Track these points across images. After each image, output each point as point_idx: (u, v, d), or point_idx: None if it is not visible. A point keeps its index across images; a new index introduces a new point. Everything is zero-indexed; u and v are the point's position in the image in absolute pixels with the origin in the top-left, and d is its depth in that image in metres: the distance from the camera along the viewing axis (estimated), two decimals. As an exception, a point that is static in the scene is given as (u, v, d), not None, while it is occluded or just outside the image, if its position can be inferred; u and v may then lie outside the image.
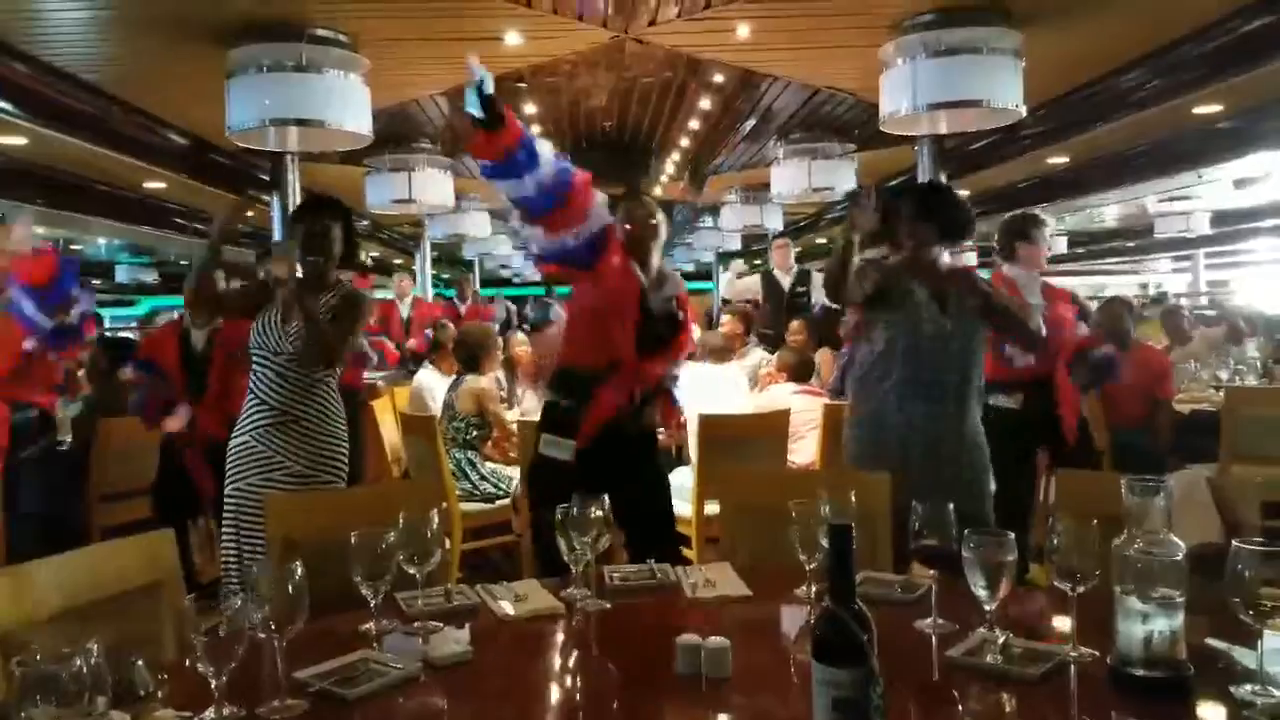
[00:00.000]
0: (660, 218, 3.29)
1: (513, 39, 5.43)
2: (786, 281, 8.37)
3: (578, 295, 3.37)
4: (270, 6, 4.82)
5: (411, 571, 1.91)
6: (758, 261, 9.57)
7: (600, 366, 3.18)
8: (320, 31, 5.06)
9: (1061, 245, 17.17)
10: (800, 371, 5.29)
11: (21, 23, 4.82)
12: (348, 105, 5.20)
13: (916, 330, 3.07)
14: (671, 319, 3.25)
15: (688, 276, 24.25)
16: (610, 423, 3.16)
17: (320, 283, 3.28)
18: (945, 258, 3.22)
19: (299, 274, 3.21)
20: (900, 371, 3.09)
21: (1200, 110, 6.89)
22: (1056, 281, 4.99)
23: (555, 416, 3.27)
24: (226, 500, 3.22)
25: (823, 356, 5.98)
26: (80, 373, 5.76)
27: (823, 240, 15.95)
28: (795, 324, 6.84)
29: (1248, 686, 1.49)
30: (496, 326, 9.05)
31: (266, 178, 6.82)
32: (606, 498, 2.02)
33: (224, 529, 3.22)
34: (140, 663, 1.54)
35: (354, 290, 3.33)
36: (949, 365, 3.09)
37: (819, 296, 8.10)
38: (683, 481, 4.50)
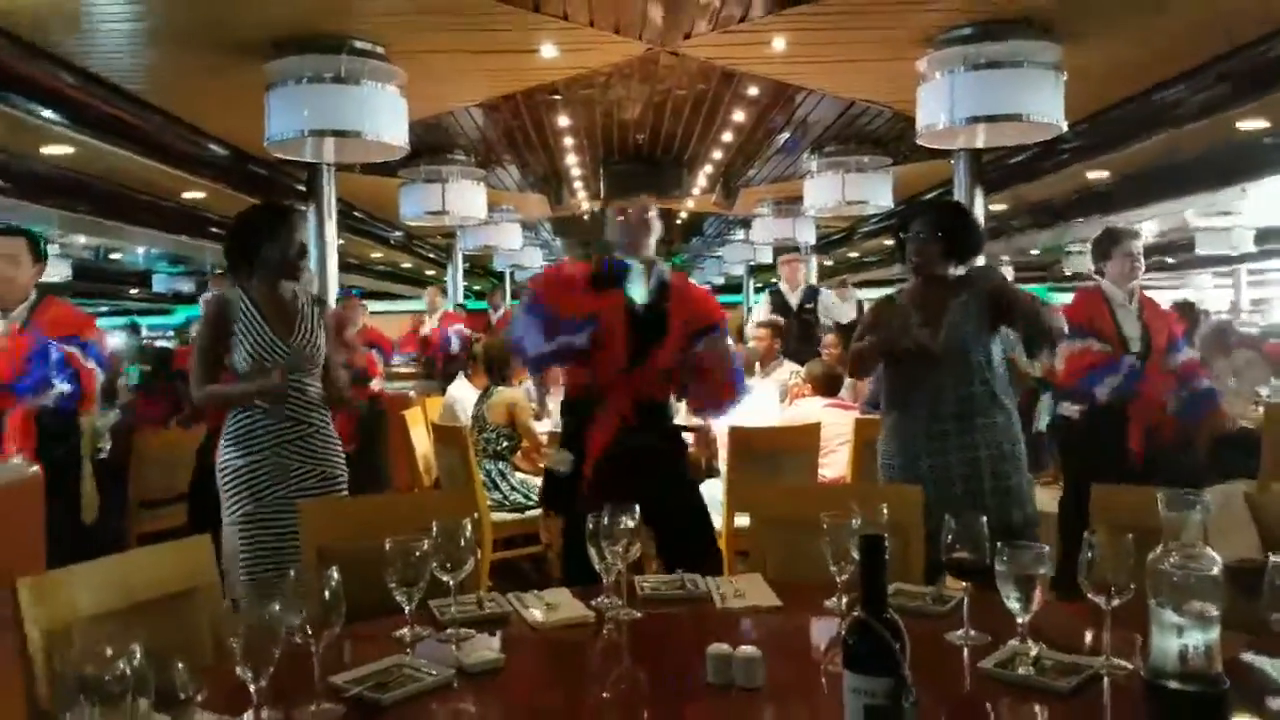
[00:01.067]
0: (654, 213, 3.25)
1: (549, 51, 5.48)
2: (794, 299, 8.33)
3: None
4: (310, 19, 4.89)
5: (445, 579, 1.92)
6: (773, 279, 9.54)
7: (599, 386, 3.16)
8: (359, 44, 5.13)
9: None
10: (827, 385, 5.24)
11: (67, 34, 4.91)
12: (384, 116, 5.26)
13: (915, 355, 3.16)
14: (659, 319, 3.15)
15: (718, 290, 24.14)
16: (617, 440, 3.13)
17: (284, 286, 3.29)
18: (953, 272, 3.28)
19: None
20: (907, 392, 3.22)
21: (1244, 126, 6.82)
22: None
23: (566, 433, 3.37)
24: (248, 518, 3.15)
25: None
26: (120, 381, 5.86)
27: (855, 254, 15.90)
28: (830, 337, 6.83)
29: (1285, 702, 1.47)
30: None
31: (303, 188, 6.90)
32: (638, 507, 2.03)
33: (249, 545, 3.15)
34: (181, 665, 1.55)
35: (320, 299, 3.42)
36: (947, 380, 3.13)
37: (828, 318, 8.09)
38: (713, 494, 4.49)
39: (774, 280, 9.27)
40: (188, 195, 9.31)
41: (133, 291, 19.11)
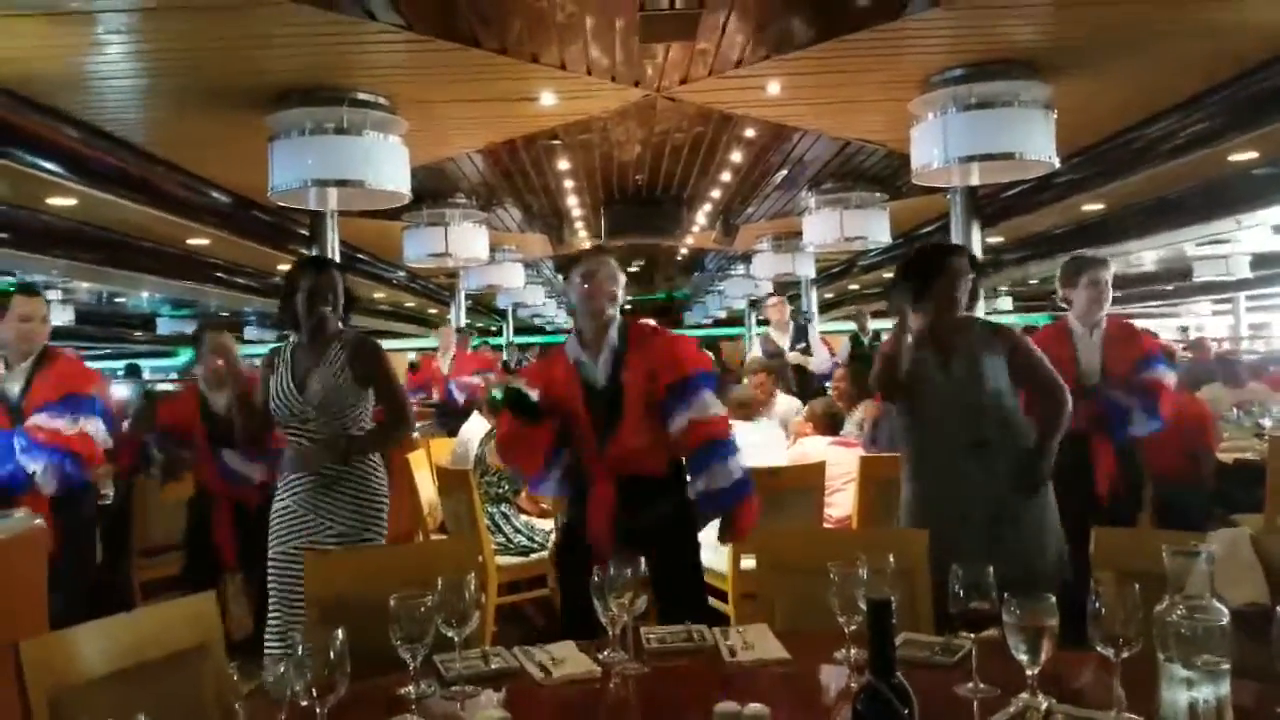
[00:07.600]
0: (621, 281, 3.14)
1: (548, 99, 5.54)
2: (785, 340, 8.33)
3: None
4: (313, 73, 4.95)
5: (450, 634, 1.92)
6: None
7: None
8: (361, 95, 5.19)
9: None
10: (826, 425, 5.22)
11: (72, 90, 4.99)
12: (387, 165, 5.31)
13: (927, 392, 3.13)
14: (616, 394, 3.03)
15: (720, 324, 24.08)
16: (617, 524, 3.01)
17: (324, 333, 3.25)
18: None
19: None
20: (928, 431, 3.17)
21: (1235, 158, 6.88)
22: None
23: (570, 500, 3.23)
24: (271, 564, 3.22)
25: (866, 409, 5.90)
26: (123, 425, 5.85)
27: (855, 286, 15.95)
28: (840, 372, 6.83)
29: (1297, 755, 1.46)
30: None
31: (306, 232, 6.95)
32: (643, 560, 2.03)
33: (270, 592, 3.23)
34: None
35: (359, 337, 3.28)
36: (970, 420, 3.08)
37: (820, 362, 8.09)
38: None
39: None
40: (191, 241, 9.38)
41: (137, 334, 19.17)
